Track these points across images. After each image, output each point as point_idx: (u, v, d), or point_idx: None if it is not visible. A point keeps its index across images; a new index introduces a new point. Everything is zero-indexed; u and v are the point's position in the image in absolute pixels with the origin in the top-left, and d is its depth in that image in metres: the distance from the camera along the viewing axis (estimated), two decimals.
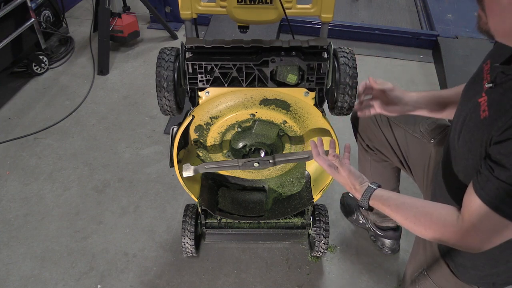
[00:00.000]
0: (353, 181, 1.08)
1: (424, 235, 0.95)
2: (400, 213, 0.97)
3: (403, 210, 0.97)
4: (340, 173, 1.11)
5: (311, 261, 1.68)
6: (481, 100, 0.91)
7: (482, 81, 0.96)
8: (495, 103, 0.86)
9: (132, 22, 2.81)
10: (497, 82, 0.89)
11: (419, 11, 3.43)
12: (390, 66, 2.81)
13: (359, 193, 1.07)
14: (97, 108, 2.42)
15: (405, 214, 0.96)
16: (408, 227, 0.96)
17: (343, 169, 1.10)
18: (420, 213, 0.94)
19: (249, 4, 1.21)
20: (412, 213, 0.95)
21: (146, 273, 1.63)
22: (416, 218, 0.94)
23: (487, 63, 0.98)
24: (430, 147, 1.31)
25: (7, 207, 1.87)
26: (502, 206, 0.80)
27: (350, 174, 1.09)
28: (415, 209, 0.95)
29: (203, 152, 1.44)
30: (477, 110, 0.91)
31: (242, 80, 1.18)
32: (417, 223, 0.94)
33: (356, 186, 1.08)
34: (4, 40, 2.24)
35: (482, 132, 0.87)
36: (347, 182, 1.10)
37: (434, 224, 0.91)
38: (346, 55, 1.20)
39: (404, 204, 0.97)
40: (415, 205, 0.96)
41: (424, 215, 0.93)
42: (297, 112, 1.30)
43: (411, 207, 0.96)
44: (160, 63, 1.18)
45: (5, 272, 1.63)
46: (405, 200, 0.98)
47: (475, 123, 0.91)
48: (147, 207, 1.88)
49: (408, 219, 0.95)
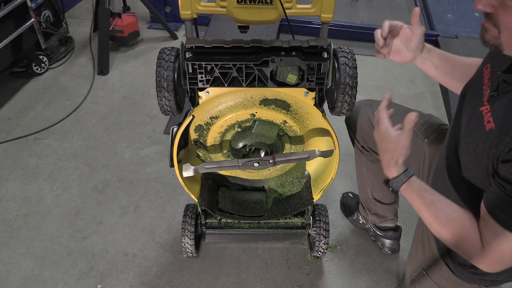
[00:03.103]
0: (402, 154, 0.97)
1: (446, 241, 0.93)
2: (432, 211, 0.94)
3: (437, 209, 0.93)
4: (400, 138, 0.96)
5: (311, 261, 1.68)
6: (483, 109, 0.90)
7: (482, 86, 0.95)
8: (501, 116, 0.85)
9: (132, 22, 2.81)
10: (499, 91, 0.87)
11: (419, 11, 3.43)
12: (390, 66, 2.81)
13: (397, 170, 0.97)
14: (97, 108, 2.42)
15: (437, 214, 0.93)
16: (433, 228, 0.94)
17: (409, 136, 0.96)
18: (454, 220, 0.91)
19: (249, 4, 1.21)
20: (445, 216, 0.92)
21: (146, 273, 1.63)
22: (448, 223, 0.92)
23: (487, 66, 0.97)
24: (424, 146, 1.31)
25: (7, 207, 1.87)
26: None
27: (407, 146, 0.96)
28: (450, 214, 0.93)
29: (203, 152, 1.44)
30: (481, 120, 0.90)
31: (242, 80, 1.18)
32: (447, 228, 0.92)
33: (399, 160, 0.97)
34: (4, 40, 2.24)
35: (490, 146, 0.86)
36: (396, 151, 0.97)
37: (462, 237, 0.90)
38: (346, 55, 1.20)
39: (440, 203, 0.94)
40: (450, 209, 0.93)
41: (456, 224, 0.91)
42: (297, 112, 1.30)
43: (445, 210, 0.93)
44: (160, 63, 1.18)
45: (5, 272, 1.63)
46: (441, 199, 0.95)
47: (479, 134, 0.90)
48: (147, 207, 1.88)
49: (438, 219, 0.93)
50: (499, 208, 0.82)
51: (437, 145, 1.29)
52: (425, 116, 1.37)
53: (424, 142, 1.31)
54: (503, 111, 0.85)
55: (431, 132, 1.31)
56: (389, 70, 2.78)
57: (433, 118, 1.36)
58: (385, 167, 1.02)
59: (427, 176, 1.30)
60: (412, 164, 1.34)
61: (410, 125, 0.95)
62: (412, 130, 0.97)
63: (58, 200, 1.90)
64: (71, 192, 1.94)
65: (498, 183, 0.82)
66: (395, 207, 1.61)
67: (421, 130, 1.33)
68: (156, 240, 1.75)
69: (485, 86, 0.94)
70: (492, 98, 0.89)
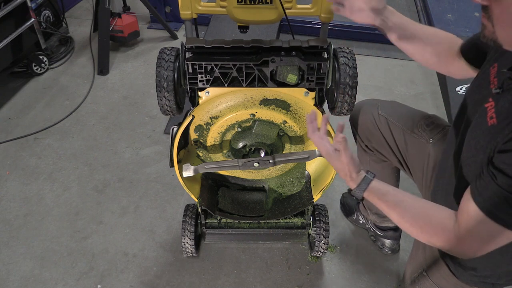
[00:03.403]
0: (351, 169, 1.01)
1: (419, 238, 0.93)
2: (397, 211, 0.94)
3: (401, 208, 0.94)
4: (341, 158, 1.01)
5: (311, 261, 1.68)
6: (487, 106, 0.90)
7: (489, 85, 0.95)
8: (504, 111, 0.84)
9: (132, 22, 2.81)
10: (504, 88, 0.87)
11: (419, 11, 3.42)
12: (390, 66, 2.81)
13: (354, 182, 1.01)
14: (97, 108, 2.42)
15: (402, 213, 0.94)
16: (403, 227, 0.95)
17: (346, 154, 1.00)
18: (418, 214, 0.92)
19: (249, 4, 1.21)
20: (410, 213, 0.93)
21: (146, 273, 1.63)
22: (414, 219, 0.92)
23: (494, 66, 0.97)
24: (428, 147, 1.31)
25: (7, 207, 1.87)
26: (499, 212, 0.79)
27: (351, 161, 1.00)
28: (414, 210, 0.93)
29: (203, 152, 1.44)
30: (484, 116, 0.90)
31: (242, 80, 1.19)
32: (414, 225, 0.92)
33: (352, 175, 1.01)
34: (4, 40, 2.24)
35: (489, 140, 0.85)
36: (344, 169, 1.01)
37: (431, 228, 0.90)
38: (346, 55, 1.20)
39: (403, 203, 0.95)
40: (413, 205, 0.94)
41: (422, 217, 0.91)
42: (297, 112, 1.30)
43: (410, 207, 0.94)
44: (160, 63, 1.18)
45: (5, 272, 1.63)
46: (403, 198, 0.96)
47: (481, 130, 0.90)
48: (147, 207, 1.88)
49: (405, 218, 0.93)
50: (486, 197, 0.81)
51: (442, 146, 1.28)
52: (431, 117, 1.36)
53: (429, 142, 1.31)
54: (507, 107, 0.84)
55: (436, 133, 1.31)
56: (389, 70, 2.78)
57: (438, 119, 1.35)
58: (347, 181, 1.05)
59: (431, 176, 1.29)
60: (416, 164, 1.34)
61: (341, 145, 1.00)
62: (347, 146, 1.00)
63: (58, 200, 1.90)
64: (71, 192, 1.94)
65: (490, 172, 0.81)
66: None
67: (426, 131, 1.32)
68: (156, 240, 1.75)
69: (492, 85, 0.94)
70: (497, 95, 0.89)
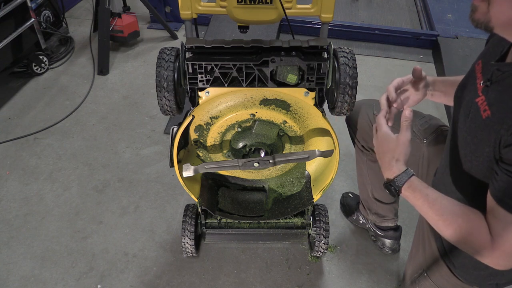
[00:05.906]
0: (401, 152, 0.97)
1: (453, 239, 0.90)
2: (437, 207, 0.91)
3: (441, 206, 0.91)
4: (400, 136, 0.98)
5: (311, 261, 1.68)
6: (478, 100, 0.90)
7: (475, 81, 0.96)
8: (497, 102, 0.84)
9: (132, 22, 2.81)
10: (493, 80, 0.88)
11: (419, 11, 3.43)
12: (390, 66, 2.81)
13: (394, 171, 0.97)
14: (97, 108, 2.42)
15: (441, 211, 0.90)
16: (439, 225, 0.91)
17: (407, 133, 0.97)
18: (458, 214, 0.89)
19: (249, 4, 1.21)
20: (450, 212, 0.89)
21: (146, 273, 1.63)
22: (453, 218, 0.89)
23: (479, 63, 0.98)
24: (422, 147, 1.31)
25: (7, 207, 1.87)
26: None
27: (406, 143, 0.97)
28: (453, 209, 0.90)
29: (203, 152, 1.44)
30: (477, 110, 0.90)
31: (242, 80, 1.18)
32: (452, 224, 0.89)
33: (399, 160, 0.97)
34: (4, 40, 2.24)
35: (488, 132, 0.85)
36: (394, 150, 0.98)
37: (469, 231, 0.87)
38: (346, 55, 1.20)
39: (444, 200, 0.92)
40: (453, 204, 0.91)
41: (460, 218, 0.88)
42: (297, 112, 1.30)
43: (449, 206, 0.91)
44: (160, 63, 1.18)
45: (5, 272, 1.63)
46: (443, 196, 0.93)
47: (477, 124, 0.89)
48: (147, 207, 1.88)
49: (444, 215, 0.90)
50: (509, 195, 0.78)
51: (436, 146, 1.29)
52: (425, 116, 1.37)
53: (423, 143, 1.31)
54: (498, 98, 0.84)
55: (430, 133, 1.31)
56: (389, 70, 2.78)
57: (432, 119, 1.36)
58: (385, 168, 1.01)
59: (425, 177, 1.29)
60: (411, 165, 1.33)
61: (406, 122, 0.97)
62: (410, 127, 0.98)
63: (58, 200, 1.90)
64: (71, 192, 1.94)
65: (504, 169, 0.79)
66: (395, 206, 1.62)
67: (420, 131, 1.33)
68: (156, 240, 1.75)
69: (478, 80, 0.94)
70: (486, 88, 0.89)
